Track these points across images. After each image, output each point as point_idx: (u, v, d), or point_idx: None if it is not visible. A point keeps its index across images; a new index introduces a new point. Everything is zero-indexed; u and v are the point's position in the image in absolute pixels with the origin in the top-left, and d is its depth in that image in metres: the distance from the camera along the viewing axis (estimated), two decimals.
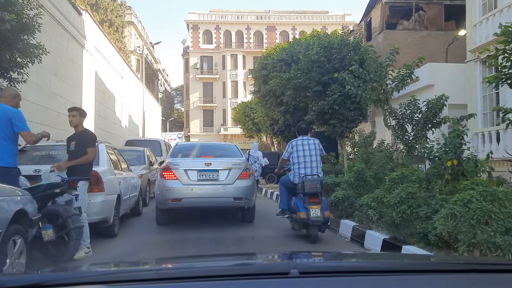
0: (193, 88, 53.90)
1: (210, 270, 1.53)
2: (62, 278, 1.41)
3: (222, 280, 1.33)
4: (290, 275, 1.33)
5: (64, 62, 15.57)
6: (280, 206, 6.68)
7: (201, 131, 52.63)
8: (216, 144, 11.48)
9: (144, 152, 11.29)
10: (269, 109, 17.67)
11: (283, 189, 6.58)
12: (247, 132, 32.87)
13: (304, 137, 6.49)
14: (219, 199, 7.32)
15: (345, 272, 1.46)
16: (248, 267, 1.63)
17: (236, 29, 54.04)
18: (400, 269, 1.53)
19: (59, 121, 14.83)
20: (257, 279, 1.35)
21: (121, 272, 1.61)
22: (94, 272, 1.67)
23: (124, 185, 7.18)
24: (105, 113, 22.13)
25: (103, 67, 21.57)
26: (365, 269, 1.54)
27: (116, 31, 32.54)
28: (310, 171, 6.16)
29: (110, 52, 23.23)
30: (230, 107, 51.46)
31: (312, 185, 5.98)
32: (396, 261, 1.91)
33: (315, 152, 6.32)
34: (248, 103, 32.07)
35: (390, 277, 1.42)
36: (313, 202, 5.92)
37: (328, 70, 9.87)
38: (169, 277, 1.38)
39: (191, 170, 7.28)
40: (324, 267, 1.62)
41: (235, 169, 7.43)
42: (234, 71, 52.30)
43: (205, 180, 7.28)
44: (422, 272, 1.50)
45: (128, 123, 27.99)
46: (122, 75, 25.78)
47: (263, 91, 16.85)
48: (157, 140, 16.70)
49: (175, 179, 7.21)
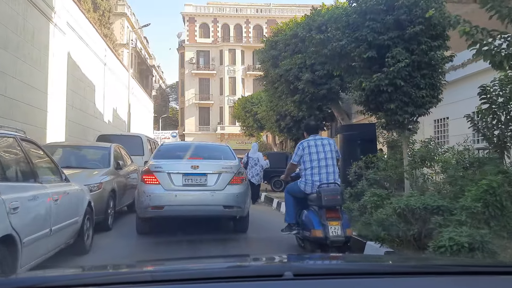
0: (188, 84, 51.79)
1: (205, 272, 1.54)
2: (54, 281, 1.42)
3: (217, 282, 1.34)
4: (284, 277, 1.34)
5: (19, 34, 12.20)
6: (286, 220, 5.73)
7: (197, 130, 50.97)
8: (206, 145, 10.29)
9: (110, 150, 7.91)
10: (279, 98, 14.31)
11: (290, 200, 5.71)
12: (247, 130, 29.58)
13: (316, 136, 5.57)
14: (207, 207, 6.69)
15: (339, 274, 1.46)
16: (242, 269, 1.65)
17: (234, 22, 52.07)
18: (394, 271, 1.56)
19: (11, 109, 11.46)
20: (251, 281, 1.36)
21: (114, 275, 1.61)
22: (88, 274, 1.66)
23: (33, 213, 3.81)
24: (81, 104, 18.73)
25: (79, 49, 18.14)
26: (359, 271, 1.54)
27: (102, 15, 29.10)
28: (325, 178, 5.28)
29: (90, 34, 19.82)
30: (227, 105, 49.73)
31: (331, 196, 5.09)
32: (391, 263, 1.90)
33: (331, 154, 5.41)
34: (249, 97, 28.83)
35: (384, 279, 1.43)
36: (332, 218, 5.02)
37: (387, 25, 6.43)
38: (163, 279, 1.39)
39: (176, 173, 6.63)
40: (318, 269, 1.66)
41: (226, 173, 6.81)
42: (232, 66, 50.60)
43: (191, 186, 6.68)
44: (416, 274, 1.52)
45: (112, 118, 24.58)
46: (104, 62, 22.33)
47: (272, 76, 13.53)
48: (138, 135, 13.36)
49: (156, 183, 6.55)
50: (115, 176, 7.46)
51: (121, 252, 6.05)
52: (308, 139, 5.56)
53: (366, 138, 9.58)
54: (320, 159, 5.34)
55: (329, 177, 5.30)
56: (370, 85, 6.48)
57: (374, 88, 6.51)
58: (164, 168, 6.67)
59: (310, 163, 5.35)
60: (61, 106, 15.96)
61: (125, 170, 8.31)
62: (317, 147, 5.40)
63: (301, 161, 5.45)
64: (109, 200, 6.89)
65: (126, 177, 8.32)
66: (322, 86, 12.70)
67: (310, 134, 5.63)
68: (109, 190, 6.95)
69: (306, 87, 12.65)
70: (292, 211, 5.65)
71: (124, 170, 8.25)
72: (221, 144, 9.86)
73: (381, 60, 6.58)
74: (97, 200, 6.29)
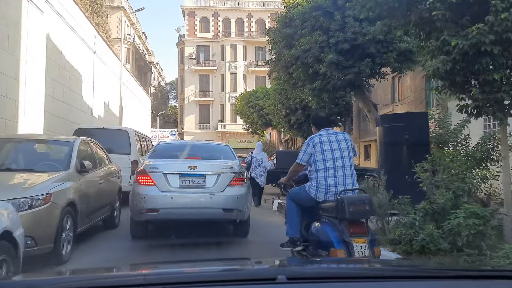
0: (188, 80, 50.34)
1: (198, 275, 1.54)
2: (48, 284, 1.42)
3: (210, 286, 1.35)
4: (278, 281, 1.34)
5: None
6: (288, 233, 4.54)
7: (197, 128, 49.72)
8: (204, 144, 9.89)
9: (74, 146, 5.46)
10: (294, 86, 11.99)
11: (294, 208, 4.53)
12: (251, 127, 27.30)
13: (329, 130, 4.45)
14: (205, 210, 6.30)
15: (332, 278, 1.46)
16: (236, 272, 1.65)
17: (236, 16, 50.50)
18: (388, 275, 1.54)
19: None
20: (245, 285, 1.37)
21: (107, 278, 1.59)
22: (80, 277, 1.63)
23: None
24: (65, 96, 16.44)
25: (61, 32, 15.84)
26: (353, 275, 1.54)
27: (95, 3, 26.82)
28: (342, 182, 4.17)
29: (76, 17, 17.54)
30: (228, 102, 48.36)
31: (358, 206, 3.92)
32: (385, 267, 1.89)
33: (348, 152, 4.32)
34: (253, 91, 26.55)
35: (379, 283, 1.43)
36: (358, 234, 3.87)
37: None
38: (156, 283, 1.38)
39: (172, 174, 6.27)
40: (312, 273, 1.64)
41: (226, 173, 6.42)
42: (234, 62, 49.11)
43: (188, 187, 6.31)
44: (411, 278, 1.51)
45: (104, 113, 22.29)
46: (94, 50, 20.03)
47: (286, 59, 11.24)
48: (124, 129, 11.10)
49: (152, 185, 6.17)
50: (76, 183, 5.14)
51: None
52: (319, 134, 4.47)
53: (417, 132, 7.35)
54: (336, 159, 4.30)
55: (346, 180, 4.26)
56: (464, 45, 4.14)
57: (469, 48, 4.18)
58: (160, 168, 6.30)
59: (323, 164, 4.30)
60: (38, 96, 13.67)
61: (95, 173, 5.99)
62: (331, 144, 4.36)
63: (311, 161, 4.39)
64: (62, 219, 4.54)
65: (98, 182, 6.03)
66: (349, 69, 10.43)
67: (321, 128, 4.52)
68: (63, 204, 4.58)
69: (329, 71, 10.37)
70: (297, 223, 4.57)
71: (94, 173, 5.93)
72: (220, 144, 9.45)
73: (478, 6, 4.22)
74: (41, 221, 4.03)
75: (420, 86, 14.11)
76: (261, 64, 52.16)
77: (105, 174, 6.54)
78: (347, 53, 10.33)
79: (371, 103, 12.39)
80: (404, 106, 15.02)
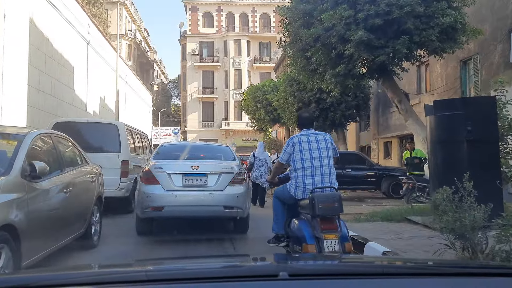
0: (191, 77, 50.05)
1: (200, 272, 1.54)
2: (50, 279, 1.41)
3: (212, 282, 1.34)
4: (280, 278, 1.33)
5: None
6: (274, 230, 4.84)
7: (200, 126, 49.20)
8: (206, 145, 10.94)
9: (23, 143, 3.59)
10: (312, 73, 10.24)
11: (279, 206, 4.82)
12: (258, 124, 25.58)
13: (310, 130, 4.67)
14: (207, 208, 6.66)
15: (334, 275, 1.47)
16: (238, 269, 1.65)
17: (240, 11, 49.36)
18: (390, 272, 1.56)
19: None
20: (246, 281, 1.36)
21: (110, 274, 1.57)
22: (83, 273, 1.63)
23: None
24: (54, 89, 14.81)
25: (47, 17, 14.18)
26: (355, 272, 1.54)
27: None
28: (320, 180, 4.43)
29: (66, 2, 15.86)
30: (232, 99, 47.39)
31: (327, 204, 4.18)
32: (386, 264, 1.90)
33: (327, 152, 4.52)
34: (260, 85, 24.81)
35: (380, 280, 1.42)
36: (328, 229, 4.11)
37: None
38: (159, 279, 1.39)
39: (176, 174, 6.63)
40: (314, 270, 1.65)
41: (226, 173, 6.76)
42: (238, 58, 47.95)
43: (191, 186, 6.65)
44: (412, 275, 1.51)
45: (100, 108, 20.69)
46: (88, 40, 18.38)
47: (304, 40, 9.52)
48: (112, 123, 9.40)
49: (156, 184, 6.56)
50: (21, 194, 3.43)
51: None
52: (299, 134, 4.67)
53: (482, 123, 5.68)
54: (314, 158, 4.48)
55: (324, 179, 4.45)
56: None
57: None
58: (164, 169, 6.69)
59: (302, 163, 4.49)
60: (19, 88, 12.05)
61: (58, 178, 4.29)
62: (310, 144, 4.52)
63: (291, 160, 4.58)
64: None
65: (62, 191, 4.33)
66: (381, 50, 8.70)
67: (303, 128, 4.70)
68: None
69: (356, 52, 8.65)
70: (281, 220, 4.81)
71: (56, 179, 4.22)
72: (221, 145, 10.02)
73: None
74: None
75: (453, 74, 12.38)
76: (266, 60, 51.21)
77: (76, 179, 4.86)
78: (378, 30, 8.60)
79: (402, 92, 10.68)
80: (434, 98, 13.28)
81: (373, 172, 13.44)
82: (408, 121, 10.27)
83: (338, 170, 13.99)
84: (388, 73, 10.07)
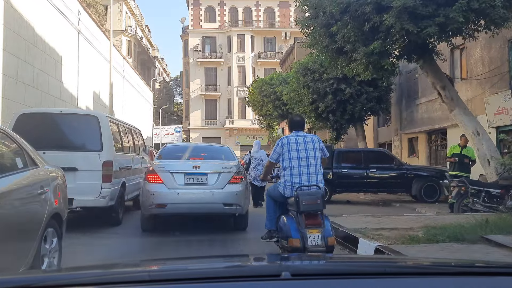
0: (193, 74, 48.38)
1: (202, 272, 1.53)
2: (52, 280, 1.40)
3: (214, 282, 1.34)
4: (282, 278, 1.33)
5: None
6: (267, 226, 5.29)
7: (203, 124, 48.25)
8: (207, 146, 11.15)
9: None
10: (338, 53, 8.42)
11: (271, 203, 5.27)
12: (265, 120, 23.84)
13: (299, 132, 5.06)
14: (208, 205, 7.12)
15: (337, 275, 1.46)
16: (240, 269, 1.65)
17: (243, 5, 48.19)
18: (392, 272, 1.54)
19: None
20: (249, 281, 1.36)
21: (112, 274, 1.57)
22: (85, 273, 1.61)
23: None
24: (37, 80, 13.09)
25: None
26: (357, 272, 1.53)
27: None
28: (306, 179, 4.83)
29: None
30: (236, 96, 46.54)
31: (310, 201, 4.56)
32: (388, 264, 1.92)
33: (314, 153, 4.90)
34: (267, 78, 23.06)
35: (382, 280, 1.41)
36: (312, 225, 4.48)
37: None
38: (161, 279, 1.39)
39: (178, 173, 7.09)
40: (316, 270, 1.64)
41: (226, 172, 7.22)
42: (241, 54, 46.91)
43: (192, 185, 7.10)
44: (414, 275, 1.51)
45: (93, 104, 18.99)
46: (78, 28, 16.64)
47: (328, 12, 7.72)
48: (92, 115, 7.63)
49: (160, 182, 7.02)
50: None
51: None
52: (289, 135, 5.06)
53: None
54: (301, 158, 4.87)
55: (310, 178, 4.83)
56: None
57: None
58: (167, 168, 7.05)
59: (289, 163, 4.89)
60: None
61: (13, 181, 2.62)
62: (298, 144, 4.90)
63: (280, 159, 5.00)
64: None
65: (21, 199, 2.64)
66: (429, 20, 6.89)
67: (293, 130, 5.09)
68: None
69: (398, 23, 6.85)
70: (273, 216, 5.21)
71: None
72: (222, 145, 10.59)
73: None
74: None
75: (500, 57, 10.56)
76: (271, 56, 49.71)
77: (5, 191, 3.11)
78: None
79: (446, 77, 8.87)
80: (472, 85, 11.50)
81: (401, 172, 11.69)
82: (454, 111, 8.48)
83: (361, 170, 12.23)
84: (430, 52, 8.27)
